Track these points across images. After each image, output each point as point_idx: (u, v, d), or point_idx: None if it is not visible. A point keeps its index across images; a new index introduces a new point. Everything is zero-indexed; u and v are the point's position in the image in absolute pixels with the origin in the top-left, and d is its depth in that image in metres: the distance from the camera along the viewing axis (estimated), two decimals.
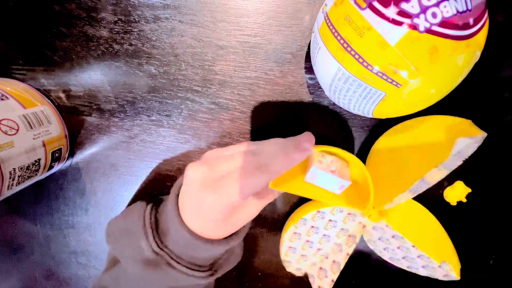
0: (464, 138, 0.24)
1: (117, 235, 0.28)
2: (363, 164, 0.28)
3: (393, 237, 0.31)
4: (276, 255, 0.35)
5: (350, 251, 0.32)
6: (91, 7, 0.30)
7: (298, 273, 0.34)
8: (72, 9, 0.30)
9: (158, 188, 0.35)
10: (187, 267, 0.26)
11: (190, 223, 0.25)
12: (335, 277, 0.32)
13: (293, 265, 0.34)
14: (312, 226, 0.32)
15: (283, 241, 0.33)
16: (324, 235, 0.32)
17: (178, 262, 0.25)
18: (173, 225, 0.25)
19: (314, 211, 0.31)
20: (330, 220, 0.32)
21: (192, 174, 0.25)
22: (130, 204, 0.35)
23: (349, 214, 0.31)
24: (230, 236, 0.27)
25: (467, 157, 0.27)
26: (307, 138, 0.26)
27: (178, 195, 0.26)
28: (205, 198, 0.24)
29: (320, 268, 0.33)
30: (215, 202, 0.24)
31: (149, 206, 0.28)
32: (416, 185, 0.27)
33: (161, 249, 0.25)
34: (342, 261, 0.32)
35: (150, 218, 0.26)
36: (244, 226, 0.27)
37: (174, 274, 0.26)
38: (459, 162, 0.27)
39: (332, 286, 0.32)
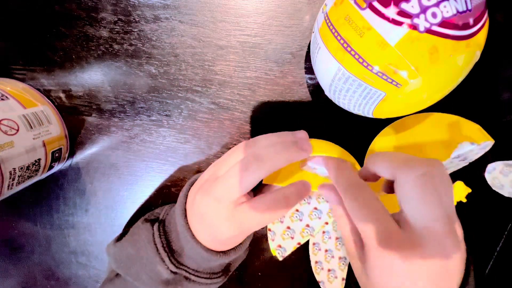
0: (466, 144, 0.24)
1: (128, 263, 0.28)
2: (350, 154, 0.28)
3: None
4: None
5: None
6: (91, 7, 0.30)
7: (278, 255, 0.32)
8: (72, 9, 0.30)
9: (158, 189, 0.35)
10: (205, 278, 0.27)
11: (204, 242, 0.25)
12: (344, 274, 0.32)
13: (277, 240, 0.32)
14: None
15: None
16: (315, 208, 0.32)
17: (197, 276, 0.26)
18: (188, 245, 0.26)
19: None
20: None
21: (199, 201, 0.25)
22: (133, 217, 0.36)
23: None
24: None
25: (471, 161, 0.27)
26: (306, 137, 0.26)
27: (185, 214, 0.26)
28: (219, 228, 0.24)
29: (328, 270, 0.33)
30: (231, 230, 0.24)
31: (156, 228, 0.27)
32: None
33: (179, 268, 0.26)
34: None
35: (161, 241, 0.26)
36: None
37: (194, 286, 0.26)
38: (463, 165, 0.27)
39: (344, 285, 0.32)
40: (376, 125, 0.30)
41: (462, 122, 0.27)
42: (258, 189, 0.30)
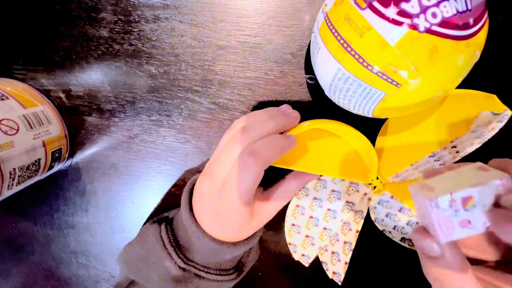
0: (486, 113, 0.23)
1: (137, 264, 0.28)
2: (363, 135, 0.28)
3: (400, 210, 0.30)
4: (276, 254, 0.35)
5: (359, 227, 0.31)
6: (91, 7, 0.30)
7: (305, 262, 0.33)
8: (72, 9, 0.30)
9: (158, 189, 0.35)
10: (216, 274, 0.26)
11: (211, 232, 0.25)
12: (348, 258, 0.31)
13: (299, 251, 0.32)
14: (315, 198, 0.31)
15: (286, 218, 0.32)
16: (329, 209, 0.31)
17: (206, 272, 0.26)
18: (196, 238, 0.26)
19: (315, 180, 0.31)
20: (333, 191, 0.31)
21: (199, 189, 0.26)
22: (145, 223, 0.35)
23: (351, 183, 0.31)
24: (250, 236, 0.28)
25: (486, 139, 0.26)
26: (288, 109, 0.28)
27: (190, 209, 0.26)
28: (219, 209, 0.24)
29: (332, 252, 0.32)
30: (230, 209, 0.24)
31: (163, 226, 0.28)
32: (425, 161, 0.26)
33: (187, 264, 0.26)
34: (353, 239, 0.31)
35: (169, 237, 0.27)
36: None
37: (206, 284, 0.26)
38: (477, 145, 0.26)
39: (346, 269, 0.31)
40: (376, 125, 0.30)
41: (475, 93, 0.25)
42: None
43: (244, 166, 0.23)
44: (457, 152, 0.27)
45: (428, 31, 0.19)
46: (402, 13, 0.19)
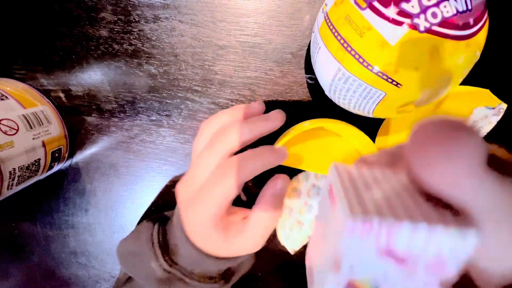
0: (481, 108, 0.23)
1: (130, 259, 0.28)
2: (364, 133, 0.28)
3: None
4: (276, 254, 0.35)
5: None
6: (91, 7, 0.30)
7: (290, 249, 0.31)
8: (72, 9, 0.30)
9: (158, 189, 0.35)
10: (199, 281, 0.26)
11: (193, 239, 0.25)
12: None
13: (285, 232, 0.31)
14: (314, 185, 0.30)
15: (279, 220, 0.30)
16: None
17: (190, 278, 0.26)
18: (181, 242, 0.25)
19: (309, 187, 0.30)
20: None
21: (178, 195, 0.25)
22: (140, 220, 0.36)
23: None
24: None
25: (484, 134, 0.26)
26: (260, 102, 0.27)
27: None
28: (192, 214, 0.24)
29: None
30: (200, 223, 0.24)
31: (156, 226, 0.28)
32: None
33: (172, 267, 0.26)
34: None
35: (158, 239, 0.27)
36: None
37: None
38: None
39: None
40: (376, 125, 0.30)
41: (469, 90, 0.26)
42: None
43: (219, 179, 0.22)
44: None
45: (428, 31, 0.19)
46: (402, 13, 0.19)
